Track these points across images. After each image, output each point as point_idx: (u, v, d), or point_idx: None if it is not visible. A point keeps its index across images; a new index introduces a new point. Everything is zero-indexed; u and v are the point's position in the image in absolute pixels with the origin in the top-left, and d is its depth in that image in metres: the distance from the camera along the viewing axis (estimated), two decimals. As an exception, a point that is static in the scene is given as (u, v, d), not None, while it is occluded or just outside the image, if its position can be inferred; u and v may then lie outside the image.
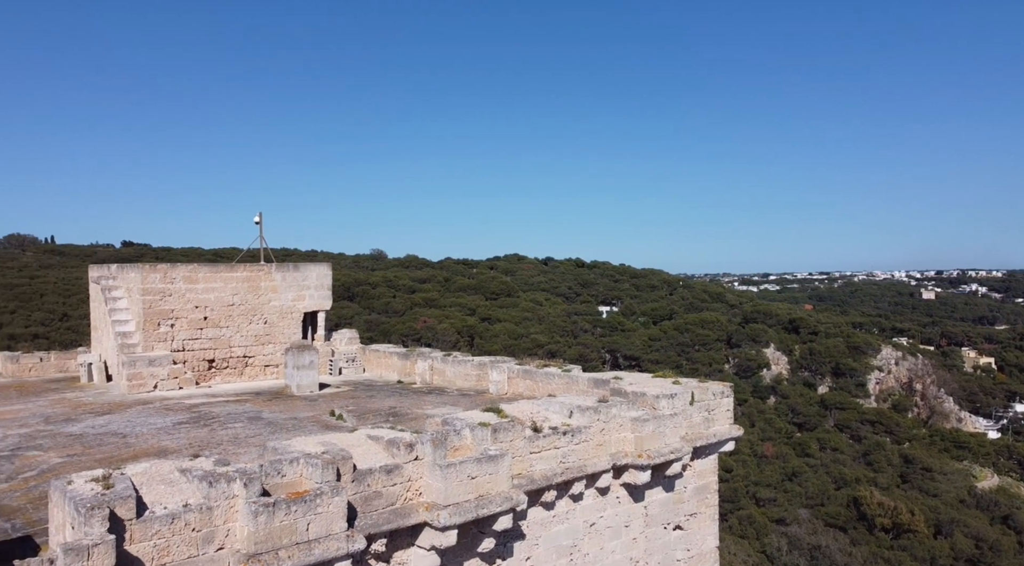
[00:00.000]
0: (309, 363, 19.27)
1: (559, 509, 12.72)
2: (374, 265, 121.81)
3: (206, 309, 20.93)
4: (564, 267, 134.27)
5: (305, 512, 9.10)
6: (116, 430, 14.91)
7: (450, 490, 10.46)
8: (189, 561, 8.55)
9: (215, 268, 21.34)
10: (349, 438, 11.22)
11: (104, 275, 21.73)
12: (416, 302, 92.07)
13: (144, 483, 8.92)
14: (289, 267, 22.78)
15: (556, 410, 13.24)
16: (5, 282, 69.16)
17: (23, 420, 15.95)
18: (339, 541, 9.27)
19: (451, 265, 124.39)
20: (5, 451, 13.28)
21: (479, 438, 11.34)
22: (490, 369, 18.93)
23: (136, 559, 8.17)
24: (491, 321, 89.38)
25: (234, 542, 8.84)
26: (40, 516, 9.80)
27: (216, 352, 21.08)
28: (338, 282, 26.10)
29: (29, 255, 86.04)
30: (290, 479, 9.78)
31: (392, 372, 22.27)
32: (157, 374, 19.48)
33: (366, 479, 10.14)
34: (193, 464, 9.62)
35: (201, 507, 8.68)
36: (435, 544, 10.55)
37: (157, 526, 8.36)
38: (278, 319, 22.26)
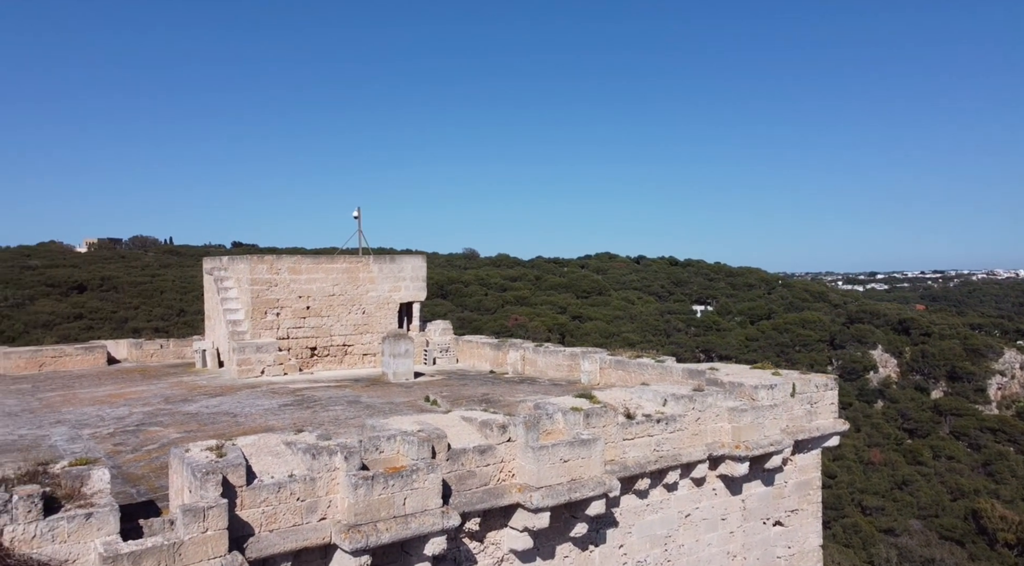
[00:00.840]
0: (405, 352, 19.77)
1: (653, 498, 12.52)
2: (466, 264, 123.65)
3: (309, 299, 21.88)
4: (656, 266, 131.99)
5: (402, 487, 9.33)
6: (227, 410, 15.81)
7: (542, 472, 10.48)
8: (294, 529, 8.94)
9: (317, 260, 22.27)
10: (443, 419, 11.44)
11: (216, 267, 23.09)
12: (507, 300, 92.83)
13: (253, 454, 9.38)
14: (386, 259, 23.47)
15: (650, 398, 13.04)
16: (130, 280, 74.37)
17: (146, 400, 17.16)
18: (434, 516, 9.46)
19: (542, 264, 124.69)
20: (131, 426, 14.31)
21: (571, 422, 11.31)
22: (582, 359, 18.84)
23: (246, 524, 8.61)
24: (582, 319, 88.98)
25: (335, 513, 9.18)
26: (161, 483, 10.47)
27: (318, 340, 21.99)
28: (432, 280, 26.67)
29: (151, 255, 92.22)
30: (387, 455, 10.06)
31: (484, 362, 22.55)
32: (264, 360, 20.52)
33: (460, 458, 10.30)
34: (297, 438, 10.05)
35: (305, 478, 9.06)
36: (528, 526, 10.59)
37: (265, 494, 8.79)
38: (375, 309, 22.99)
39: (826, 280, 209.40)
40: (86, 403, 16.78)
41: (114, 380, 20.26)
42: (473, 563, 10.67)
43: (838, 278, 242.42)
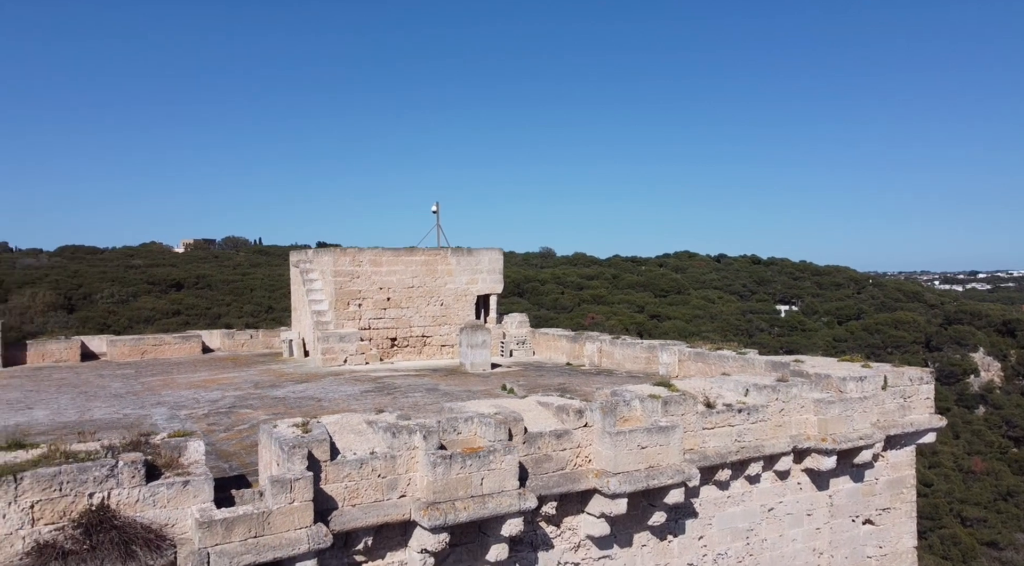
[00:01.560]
0: (482, 342, 19.98)
1: (734, 490, 12.20)
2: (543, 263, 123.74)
3: (389, 290, 22.42)
4: (738, 264, 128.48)
5: (479, 467, 9.43)
6: (312, 395, 16.39)
7: (619, 458, 10.38)
8: (375, 505, 9.17)
9: (397, 252, 22.80)
10: (520, 403, 11.49)
11: (302, 260, 23.96)
12: (584, 298, 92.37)
13: (336, 432, 9.68)
14: (463, 252, 23.79)
15: (731, 388, 12.72)
16: (223, 278, 77.97)
17: (237, 385, 17.99)
18: (511, 498, 9.52)
19: (619, 262, 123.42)
20: (223, 409, 15.03)
21: (649, 410, 11.16)
22: (660, 351, 18.56)
23: (330, 497, 8.89)
24: (660, 318, 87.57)
25: (415, 490, 9.37)
26: (251, 460, 10.95)
27: (398, 331, 22.50)
28: (508, 278, 26.88)
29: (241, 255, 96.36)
30: (465, 436, 10.19)
31: (561, 354, 22.53)
32: (347, 349, 21.15)
33: (536, 442, 10.33)
34: (378, 417, 10.31)
35: (386, 455, 9.28)
36: (605, 511, 10.52)
37: (348, 469, 9.05)
38: (453, 301, 23.33)
39: (921, 279, 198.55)
40: (183, 387, 17.73)
41: (208, 367, 21.34)
42: (550, 547, 10.68)
43: (935, 277, 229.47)
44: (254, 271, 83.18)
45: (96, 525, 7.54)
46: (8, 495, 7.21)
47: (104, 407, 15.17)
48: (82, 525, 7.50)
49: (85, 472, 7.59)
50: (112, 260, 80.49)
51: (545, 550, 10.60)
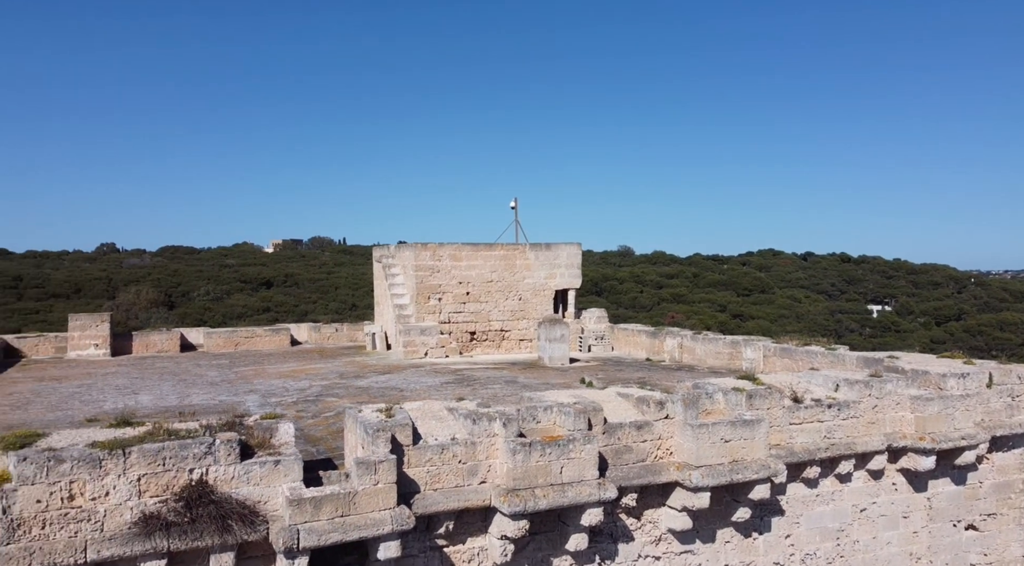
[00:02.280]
0: (560, 336, 19.95)
1: (823, 488, 11.74)
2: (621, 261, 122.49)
3: (468, 285, 22.72)
4: (826, 262, 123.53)
5: (559, 455, 9.43)
6: (394, 385, 16.79)
7: (702, 451, 10.17)
8: (456, 490, 9.30)
9: (476, 247, 23.07)
10: (600, 394, 11.42)
11: (384, 255, 24.58)
12: (664, 297, 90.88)
13: (418, 417, 9.88)
14: (542, 247, 23.84)
15: (819, 383, 12.25)
16: (310, 277, 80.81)
17: (323, 375, 18.62)
18: (591, 487, 9.47)
19: (700, 261, 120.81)
20: (311, 397, 15.59)
21: (732, 403, 10.89)
22: (743, 347, 18.07)
23: (412, 481, 9.08)
24: (743, 318, 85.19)
25: (495, 477, 9.44)
26: (337, 444, 11.31)
27: (476, 325, 22.77)
28: (586, 277, 26.76)
29: (327, 254, 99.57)
30: (544, 425, 10.20)
31: (640, 350, 22.25)
32: (427, 343, 21.56)
33: (616, 432, 10.23)
34: (459, 405, 10.46)
35: (466, 441, 9.40)
36: (687, 505, 10.32)
37: (429, 454, 9.22)
38: (531, 296, 23.41)
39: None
40: (273, 377, 18.49)
41: (296, 358, 22.19)
42: (630, 540, 10.56)
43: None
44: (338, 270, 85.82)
45: (196, 499, 7.95)
46: (118, 467, 7.69)
47: (201, 393, 15.99)
48: (183, 498, 7.92)
49: (186, 449, 8.02)
50: (208, 260, 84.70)
51: (625, 542, 10.50)
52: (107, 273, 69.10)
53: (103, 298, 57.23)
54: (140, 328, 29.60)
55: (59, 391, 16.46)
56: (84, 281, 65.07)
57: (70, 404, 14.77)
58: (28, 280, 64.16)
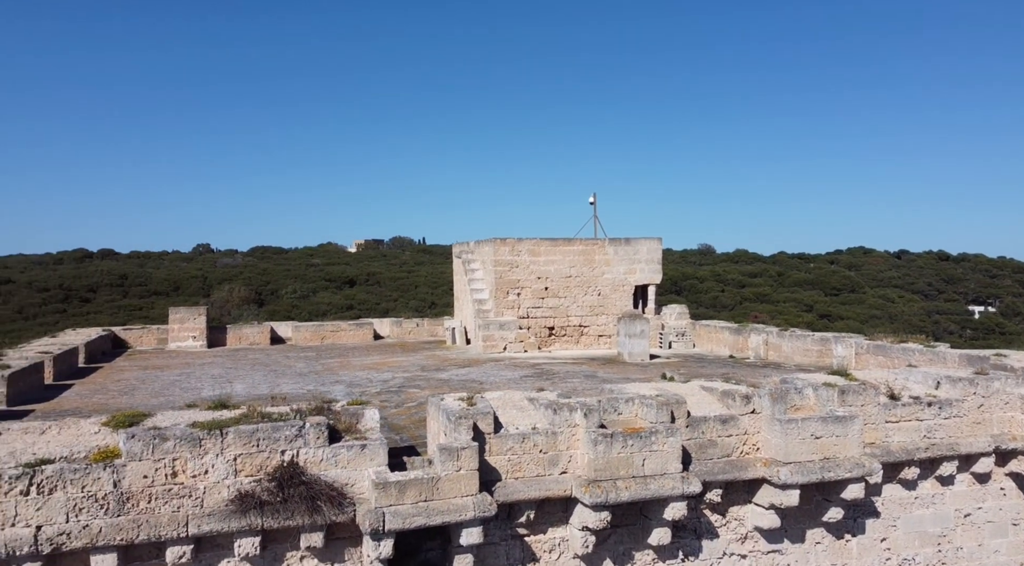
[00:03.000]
0: (640, 332, 19.69)
1: (923, 491, 11.14)
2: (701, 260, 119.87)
3: (547, 280, 22.72)
4: (922, 261, 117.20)
5: (641, 447, 9.30)
6: (474, 378, 16.97)
7: (790, 447, 9.82)
8: (537, 479, 9.31)
9: (555, 243, 23.05)
10: (683, 387, 11.20)
11: (464, 250, 24.89)
12: (746, 297, 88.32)
13: (499, 407, 9.93)
14: (621, 242, 23.59)
15: (918, 380, 11.63)
16: (391, 275, 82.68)
17: (405, 368, 19.01)
18: (674, 480, 9.30)
19: (785, 259, 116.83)
20: (394, 388, 15.94)
21: (823, 398, 10.47)
22: (834, 344, 17.35)
23: (493, 469, 9.14)
24: (831, 318, 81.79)
25: (576, 468, 9.40)
26: (419, 433, 11.51)
27: (555, 320, 22.74)
28: (666, 276, 26.32)
29: (407, 254, 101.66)
30: (625, 417, 10.09)
31: (723, 347, 21.70)
32: (506, 337, 21.69)
33: (700, 426, 10.01)
34: (539, 395, 10.46)
35: (547, 431, 9.40)
36: (775, 503, 9.99)
37: (510, 443, 9.26)
38: (610, 291, 23.20)
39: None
40: (358, 369, 19.01)
41: (379, 351, 22.74)
42: (714, 536, 10.31)
43: None
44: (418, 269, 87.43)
45: (287, 479, 8.25)
46: (216, 447, 8.07)
47: (290, 383, 16.60)
48: (276, 479, 8.23)
49: (278, 431, 8.33)
50: (295, 259, 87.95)
51: (709, 539, 10.25)
52: (203, 272, 72.82)
53: (199, 295, 60.29)
54: (233, 323, 31.00)
55: (161, 378, 17.43)
56: (182, 279, 68.75)
57: (171, 391, 15.61)
58: (132, 278, 68.36)
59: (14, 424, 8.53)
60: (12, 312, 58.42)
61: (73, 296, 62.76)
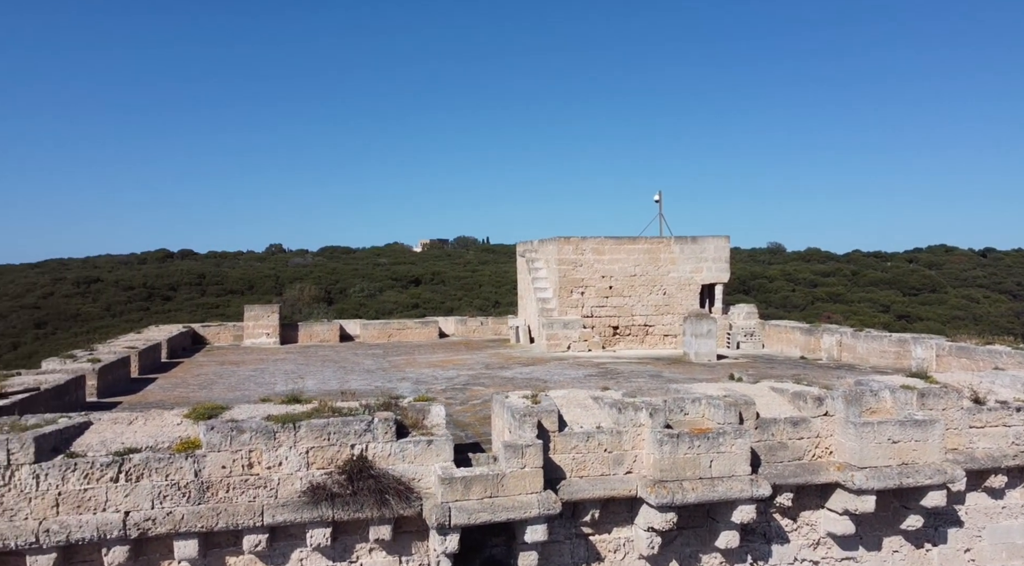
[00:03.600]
0: (707, 332, 19.35)
1: (1012, 500, 10.59)
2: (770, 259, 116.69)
3: (611, 279, 22.57)
4: (1010, 259, 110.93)
5: (708, 448, 9.15)
6: (538, 377, 17.01)
7: (866, 451, 9.49)
8: (602, 478, 9.27)
9: (619, 241, 22.87)
10: (751, 388, 10.96)
11: (528, 249, 24.97)
12: (818, 296, 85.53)
13: (563, 405, 9.94)
14: (687, 240, 23.22)
15: (1006, 383, 11.06)
16: (455, 274, 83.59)
17: (470, 366, 19.22)
18: (742, 483, 9.11)
19: (859, 258, 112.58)
20: (459, 385, 16.13)
21: (901, 401, 10.07)
22: (912, 345, 16.65)
23: (558, 467, 9.15)
24: (910, 318, 78.41)
25: (641, 468, 9.32)
26: (484, 431, 11.62)
27: (619, 319, 22.56)
28: (733, 275, 25.76)
29: (471, 253, 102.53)
30: (692, 417, 9.94)
31: (793, 347, 21.10)
32: (570, 336, 21.65)
33: (770, 428, 9.78)
34: (604, 394, 10.42)
35: (612, 431, 9.35)
36: (849, 508, 9.67)
37: (575, 441, 9.25)
38: (676, 290, 22.87)
39: None
40: (423, 366, 19.31)
41: (444, 349, 23.05)
42: (785, 541, 10.05)
43: None
44: (482, 268, 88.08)
45: (357, 473, 8.46)
46: (290, 440, 8.35)
47: (359, 380, 17.00)
48: (346, 472, 8.46)
49: (348, 425, 8.55)
50: (362, 259, 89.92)
51: (780, 543, 10.00)
52: (275, 271, 75.27)
53: (272, 294, 62.34)
54: (304, 320, 31.95)
55: (237, 374, 18.12)
56: (256, 278, 71.25)
57: (246, 385, 16.21)
58: (210, 278, 71.23)
59: (104, 415, 9.02)
60: (100, 309, 61.77)
61: (156, 294, 65.88)
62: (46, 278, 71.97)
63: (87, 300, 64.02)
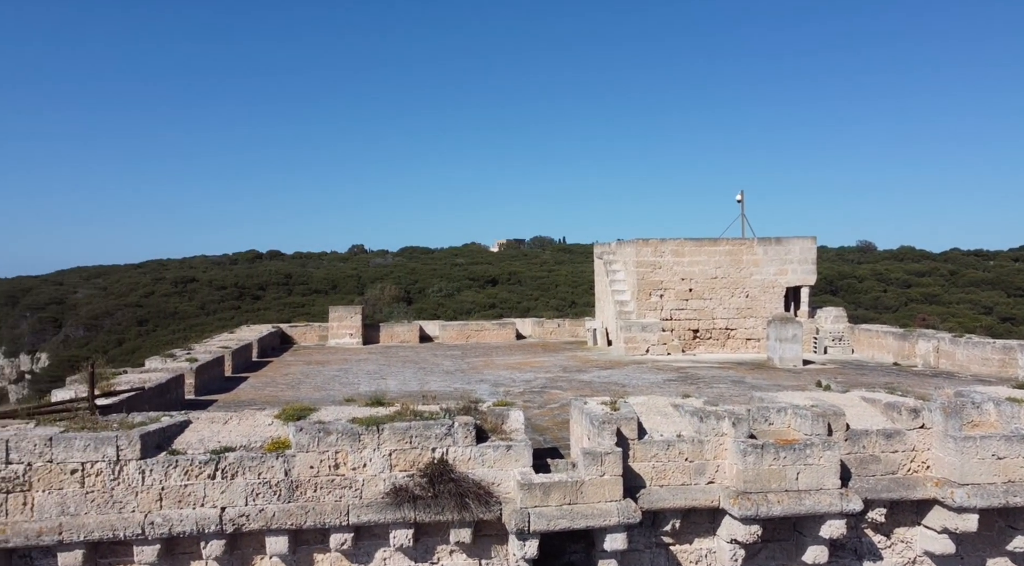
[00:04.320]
0: (792, 336, 18.71)
1: None
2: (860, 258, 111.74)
3: (691, 281, 22.14)
4: None
5: (794, 460, 8.87)
6: (616, 381, 16.86)
7: (967, 467, 8.98)
8: (683, 488, 9.12)
9: (699, 243, 22.40)
10: (840, 398, 10.56)
11: (605, 251, 24.78)
12: (912, 297, 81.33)
13: (642, 412, 9.83)
14: (771, 241, 22.53)
15: None
16: (531, 274, 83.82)
17: (547, 368, 19.24)
18: (831, 497, 8.79)
19: (958, 257, 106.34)
20: (536, 388, 16.18)
21: (1007, 415, 9.48)
22: (1019, 353, 15.62)
23: (637, 475, 9.06)
24: (1015, 321, 73.57)
25: (723, 478, 9.12)
26: (562, 435, 11.61)
27: (700, 322, 22.10)
28: (820, 274, 24.80)
29: (547, 253, 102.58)
30: (777, 427, 9.66)
31: (885, 353, 20.14)
32: (648, 339, 21.36)
33: (861, 440, 9.40)
34: (684, 401, 10.25)
35: (693, 439, 9.18)
36: (948, 527, 9.18)
37: (655, 450, 9.13)
38: (759, 293, 22.22)
39: None
40: (501, 368, 19.46)
41: (522, 351, 23.15)
42: (877, 558, 9.63)
43: None
44: (559, 268, 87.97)
45: (438, 476, 8.62)
46: (373, 442, 8.58)
47: (438, 381, 17.30)
48: (427, 475, 8.62)
49: (429, 429, 8.72)
50: (440, 259, 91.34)
51: (871, 560, 9.59)
52: (357, 271, 77.41)
53: (354, 294, 64.17)
54: (384, 320, 32.75)
55: (322, 373, 18.75)
56: (339, 278, 73.51)
57: (332, 385, 16.76)
58: (296, 278, 73.96)
59: (202, 414, 9.52)
60: (196, 307, 65.13)
61: (246, 294, 68.93)
62: (147, 278, 76.46)
63: (184, 299, 67.63)
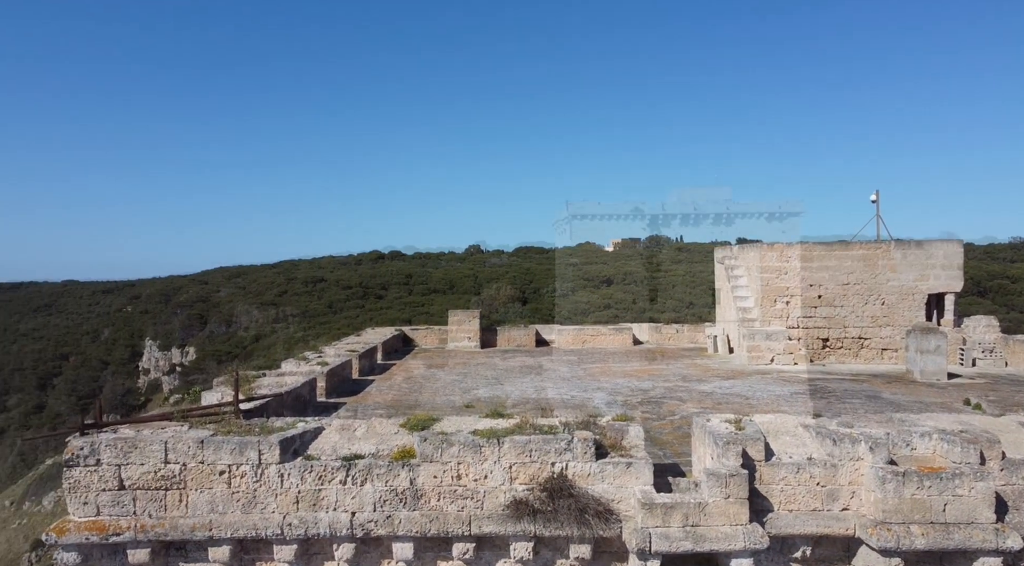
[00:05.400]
0: (935, 348, 17.36)
1: None
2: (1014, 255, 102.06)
3: (820, 288, 21.00)
4: None
5: (940, 491, 8.24)
6: (739, 392, 16.27)
7: None
8: (813, 514, 8.69)
9: (829, 247, 21.21)
10: (994, 422, 9.71)
11: (727, 255, 23.95)
12: (1077, 299, 73.36)
13: (769, 432, 9.43)
14: (911, 245, 20.99)
15: None
16: (647, 274, 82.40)
17: (666, 377, 18.85)
18: (984, 532, 8.11)
19: None
20: (655, 398, 15.89)
21: None
22: None
23: (764, 499, 8.71)
24: None
25: (859, 505, 8.62)
26: (683, 449, 11.34)
27: (830, 331, 20.93)
28: (967, 275, 22.85)
29: (664, 253, 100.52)
30: (920, 453, 9.01)
31: (1047, 368, 18.29)
32: (773, 348, 20.46)
33: (1020, 471, 8.59)
34: (816, 422, 9.74)
35: (825, 463, 8.73)
36: None
37: (783, 472, 8.75)
38: (897, 300, 20.75)
39: None
40: (618, 376, 19.25)
41: (639, 358, 22.81)
42: (1037, 602, 8.75)
43: None
44: (675, 268, 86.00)
45: (558, 491, 8.66)
46: (494, 455, 8.73)
47: (554, 388, 17.35)
48: (547, 489, 8.68)
49: (548, 443, 8.77)
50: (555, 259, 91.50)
51: (1031, 604, 8.73)
52: (474, 271, 79.04)
53: (470, 294, 65.55)
54: (500, 322, 33.22)
55: (442, 378, 19.27)
56: (456, 278, 75.34)
57: (451, 390, 17.19)
58: (416, 278, 76.51)
59: (334, 421, 10.03)
60: (324, 306, 68.76)
61: (369, 293, 72.02)
62: (281, 278, 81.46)
63: (313, 298, 71.56)
